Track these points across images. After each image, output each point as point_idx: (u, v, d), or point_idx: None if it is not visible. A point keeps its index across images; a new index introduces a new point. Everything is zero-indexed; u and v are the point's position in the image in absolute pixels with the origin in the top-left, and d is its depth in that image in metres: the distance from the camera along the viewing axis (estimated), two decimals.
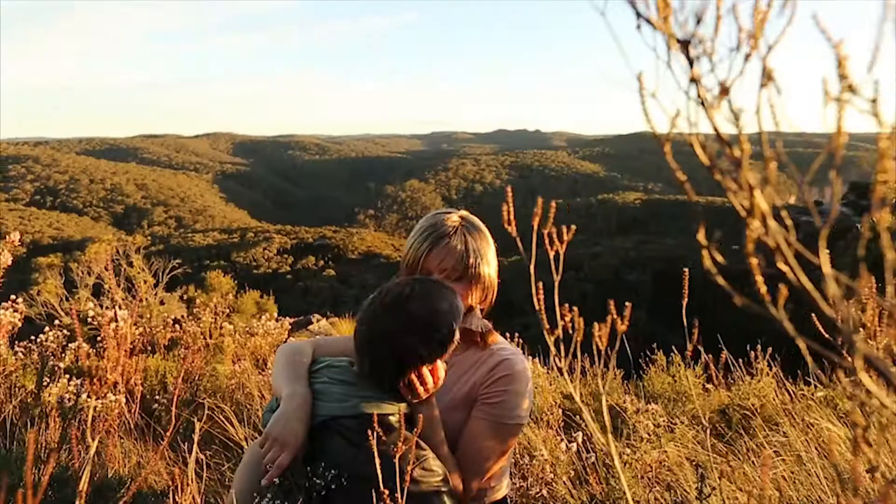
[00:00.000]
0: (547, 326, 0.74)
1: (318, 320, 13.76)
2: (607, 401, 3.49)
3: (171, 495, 1.88)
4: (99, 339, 3.10)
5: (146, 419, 3.00)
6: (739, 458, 2.94)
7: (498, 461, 1.53)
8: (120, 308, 3.80)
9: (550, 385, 3.35)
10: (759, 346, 3.82)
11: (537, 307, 0.77)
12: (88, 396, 2.46)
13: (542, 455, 2.18)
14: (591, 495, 2.31)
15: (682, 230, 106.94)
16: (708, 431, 2.86)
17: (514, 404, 1.55)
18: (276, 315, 10.81)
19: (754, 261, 0.47)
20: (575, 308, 0.77)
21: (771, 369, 3.76)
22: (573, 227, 0.75)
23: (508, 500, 1.63)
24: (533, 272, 0.78)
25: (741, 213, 0.47)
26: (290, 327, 4.30)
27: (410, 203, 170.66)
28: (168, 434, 2.01)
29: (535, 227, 0.73)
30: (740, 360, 3.84)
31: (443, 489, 1.39)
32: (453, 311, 1.46)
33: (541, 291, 0.75)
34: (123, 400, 2.48)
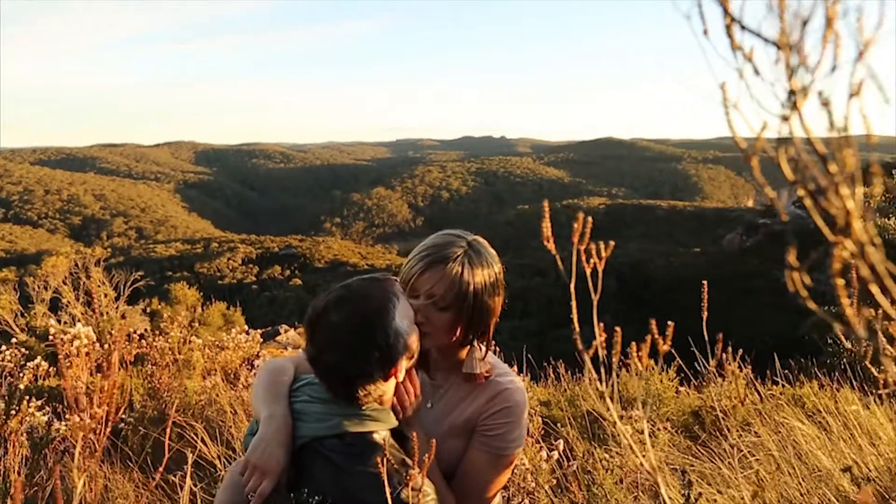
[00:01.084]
0: (581, 346, 0.72)
1: (285, 331, 13.56)
2: (584, 408, 3.49)
3: None
4: (61, 356, 2.97)
5: (111, 439, 2.89)
6: (715, 460, 2.97)
7: (499, 488, 1.52)
8: (79, 322, 3.67)
9: (528, 392, 3.33)
10: (729, 349, 3.88)
11: (574, 325, 0.75)
12: (51, 420, 2.35)
13: (524, 464, 2.16)
14: (573, 502, 2.30)
15: (644, 234, 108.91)
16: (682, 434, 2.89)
17: (514, 435, 1.53)
18: (244, 327, 10.61)
19: (840, 281, 0.45)
20: (617, 329, 0.75)
21: (741, 370, 3.82)
22: (611, 242, 0.73)
23: None
24: (573, 289, 0.75)
25: (828, 233, 0.45)
26: (261, 340, 4.20)
27: (377, 211, 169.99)
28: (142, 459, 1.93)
29: (575, 242, 0.71)
30: (711, 363, 3.89)
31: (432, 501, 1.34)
32: (382, 316, 1.37)
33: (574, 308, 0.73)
34: (91, 422, 2.38)
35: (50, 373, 3.70)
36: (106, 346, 3.03)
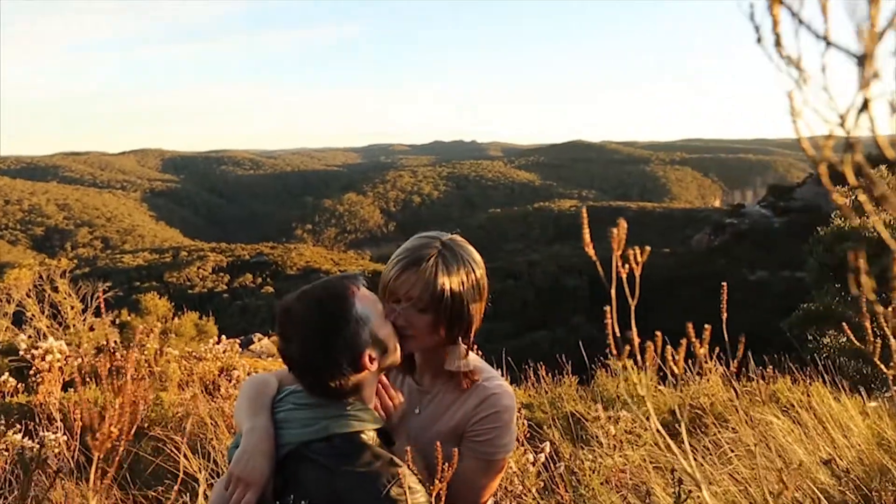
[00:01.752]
0: (615, 353, 0.72)
1: (259, 339, 13.39)
2: (567, 408, 3.51)
3: None
4: (31, 372, 2.89)
5: (86, 454, 2.81)
6: (696, 457, 3.01)
7: (491, 493, 1.53)
8: (45, 336, 3.57)
9: None
10: (705, 346, 3.95)
11: (615, 330, 0.74)
12: (25, 437, 2.28)
13: (510, 468, 2.17)
14: (560, 503, 2.31)
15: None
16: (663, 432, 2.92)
17: (504, 440, 1.53)
18: (217, 337, 10.44)
19: None
20: (658, 334, 0.75)
21: (721, 368, 3.89)
22: (647, 247, 0.73)
23: None
24: (613, 294, 0.75)
25: (890, 241, 0.46)
26: (240, 350, 4.14)
27: (349, 217, 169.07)
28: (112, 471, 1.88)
29: (616, 249, 0.70)
30: (689, 361, 3.95)
31: (422, 499, 1.32)
32: (341, 303, 1.39)
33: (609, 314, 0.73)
34: (63, 438, 2.31)
35: (18, 389, 3.59)
36: (78, 360, 2.95)
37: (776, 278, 65.35)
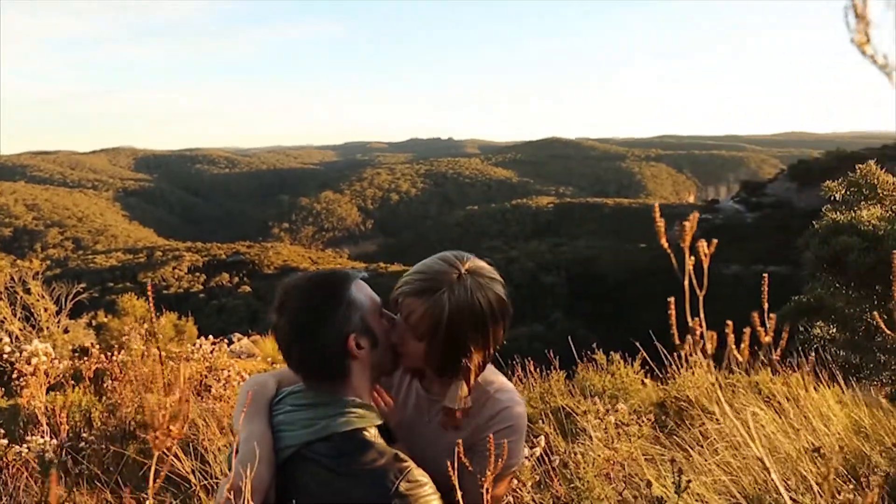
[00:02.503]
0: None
1: (238, 339, 13.28)
2: (556, 403, 3.54)
3: None
4: (14, 376, 2.82)
5: (74, 457, 2.76)
6: (684, 449, 3.06)
7: (501, 500, 1.54)
8: (17, 339, 3.50)
9: None
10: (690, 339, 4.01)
11: (694, 325, 0.75)
12: (11, 442, 2.23)
13: None
14: (556, 497, 2.33)
15: (593, 232, 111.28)
16: (653, 425, 2.97)
17: (517, 454, 1.52)
18: (196, 337, 10.30)
19: None
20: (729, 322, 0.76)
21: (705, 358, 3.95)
22: (714, 241, 0.74)
23: None
24: (686, 285, 0.76)
25: None
26: (227, 350, 4.09)
27: (326, 215, 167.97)
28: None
29: (686, 242, 0.71)
30: (675, 354, 4.01)
31: (432, 498, 1.31)
32: (335, 284, 1.43)
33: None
34: (53, 442, 2.27)
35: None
36: (64, 363, 2.90)
37: (749, 272, 66.51)
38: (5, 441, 2.18)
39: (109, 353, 3.37)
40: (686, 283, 0.74)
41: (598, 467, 2.35)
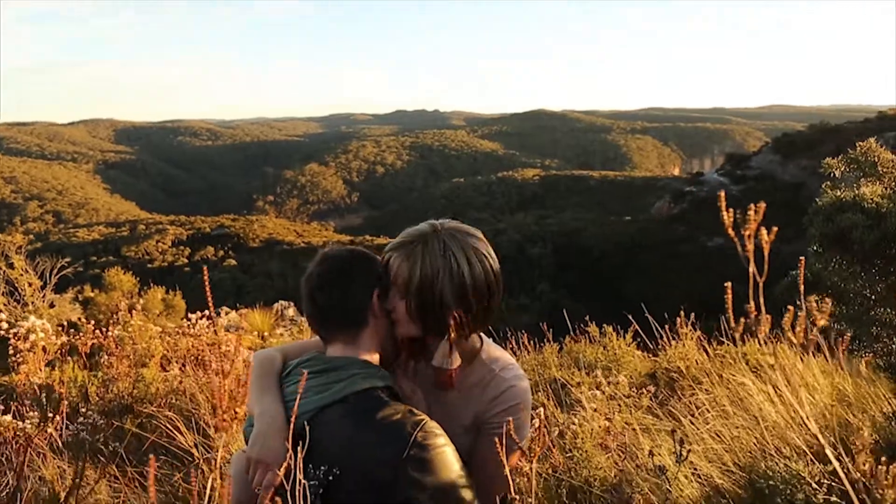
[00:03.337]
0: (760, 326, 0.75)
1: (226, 313, 13.25)
2: (552, 375, 3.60)
3: None
4: (10, 352, 2.82)
5: (75, 434, 2.77)
6: (676, 418, 3.13)
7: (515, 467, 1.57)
8: (31, 315, 3.47)
9: None
10: (682, 312, 4.07)
11: (753, 306, 0.77)
12: (15, 417, 2.23)
13: None
14: (555, 467, 2.38)
15: (578, 204, 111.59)
16: (649, 396, 3.03)
17: (523, 430, 1.56)
18: (185, 312, 10.26)
19: None
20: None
21: (695, 331, 4.02)
22: (774, 228, 0.75)
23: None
24: (752, 273, 0.77)
25: None
26: (228, 326, 4.09)
27: (311, 187, 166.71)
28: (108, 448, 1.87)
29: (752, 230, 0.72)
30: (666, 327, 4.07)
31: (448, 449, 1.34)
32: (368, 254, 1.58)
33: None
34: (55, 419, 2.27)
35: None
36: (63, 339, 2.89)
37: (733, 244, 67.00)
38: (8, 417, 2.19)
39: (105, 329, 3.36)
40: (751, 269, 0.75)
41: (595, 437, 2.40)
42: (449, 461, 1.31)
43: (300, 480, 1.33)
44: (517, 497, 2.25)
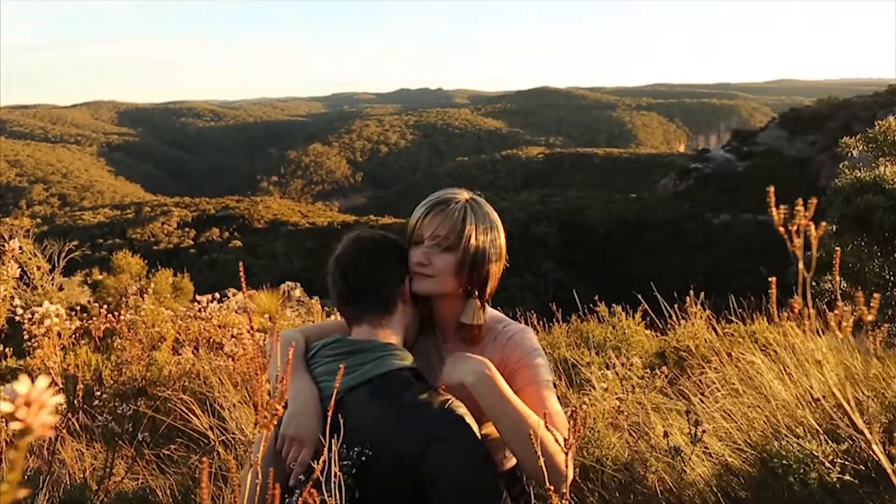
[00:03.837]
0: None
1: (234, 294, 13.31)
2: (561, 355, 3.61)
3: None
4: (26, 337, 2.84)
5: (93, 416, 2.80)
6: (685, 397, 3.15)
7: (557, 409, 1.49)
8: (46, 301, 3.49)
9: None
10: (691, 291, 4.07)
11: (794, 304, 0.76)
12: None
13: None
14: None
15: (583, 182, 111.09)
16: (662, 377, 3.04)
17: (545, 367, 1.56)
18: (193, 294, 10.29)
19: None
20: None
21: (705, 310, 4.02)
22: (823, 224, 0.74)
23: (517, 471, 1.64)
24: (802, 271, 0.77)
25: None
26: (237, 308, 4.11)
27: (315, 168, 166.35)
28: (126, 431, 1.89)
29: (802, 224, 0.71)
30: (675, 306, 4.07)
31: (473, 427, 1.36)
32: (392, 238, 1.62)
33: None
34: (66, 402, 2.30)
35: (6, 353, 3.53)
36: (77, 324, 2.90)
37: (739, 221, 66.92)
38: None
39: (117, 313, 3.39)
40: (800, 265, 0.75)
41: (607, 417, 2.42)
42: (474, 439, 1.34)
43: (334, 462, 1.36)
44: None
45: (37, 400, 0.36)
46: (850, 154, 2.16)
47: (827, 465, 1.76)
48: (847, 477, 1.73)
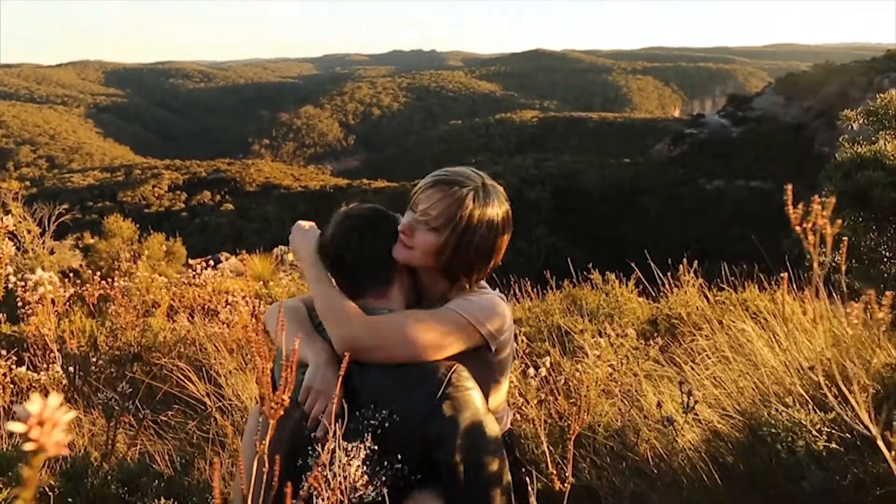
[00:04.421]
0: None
1: (227, 258, 13.29)
2: (555, 322, 3.64)
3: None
4: (20, 304, 2.83)
5: (89, 384, 2.82)
6: (676, 364, 3.19)
7: (428, 339, 1.43)
8: (38, 268, 3.48)
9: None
10: (684, 259, 4.09)
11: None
12: (29, 369, 2.26)
13: (511, 382, 2.27)
14: (560, 414, 2.44)
15: (577, 147, 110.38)
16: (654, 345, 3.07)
17: (472, 306, 1.50)
18: (186, 258, 10.24)
19: None
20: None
21: (698, 278, 4.05)
22: (838, 222, 0.74)
23: (510, 435, 1.67)
24: (813, 251, 0.77)
25: None
26: (231, 275, 4.10)
27: (307, 130, 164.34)
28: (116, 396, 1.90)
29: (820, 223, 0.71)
30: (668, 274, 4.10)
31: (476, 392, 1.44)
32: (385, 211, 1.63)
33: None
34: (61, 370, 2.31)
35: (1, 319, 3.53)
36: (72, 291, 2.89)
37: (732, 187, 66.94)
38: (22, 368, 2.22)
39: (110, 279, 3.38)
40: (815, 261, 0.75)
41: (600, 384, 2.45)
42: (477, 401, 1.43)
43: (359, 416, 1.39)
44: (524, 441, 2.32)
45: (49, 419, 0.36)
46: (849, 127, 2.14)
47: (814, 433, 1.80)
48: (833, 445, 1.77)
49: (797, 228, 0.71)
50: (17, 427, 0.36)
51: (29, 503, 0.37)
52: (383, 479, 1.34)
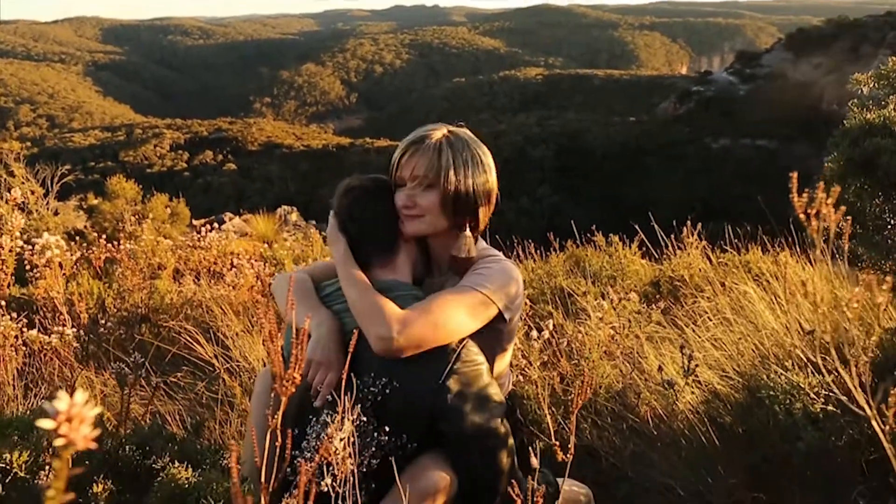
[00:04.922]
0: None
1: (230, 218, 13.28)
2: (558, 284, 3.66)
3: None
4: (27, 267, 2.86)
5: (98, 344, 2.87)
6: (678, 326, 3.22)
7: (456, 322, 1.44)
8: (45, 232, 3.49)
9: None
10: (689, 221, 4.08)
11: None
12: (40, 331, 2.30)
13: (515, 344, 2.30)
14: (562, 375, 2.48)
15: (582, 104, 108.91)
16: (655, 307, 3.10)
17: (487, 279, 1.53)
18: (190, 219, 10.23)
19: None
20: None
21: (701, 240, 4.05)
22: (843, 209, 0.74)
23: (512, 396, 1.71)
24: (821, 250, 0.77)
25: None
26: (235, 237, 4.11)
27: (308, 88, 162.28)
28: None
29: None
30: (672, 236, 4.10)
31: (484, 367, 1.47)
32: (385, 181, 1.64)
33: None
34: (71, 332, 2.35)
35: (10, 281, 3.56)
36: (78, 255, 2.91)
37: (738, 146, 66.21)
38: (34, 331, 2.26)
39: (116, 242, 3.40)
40: (818, 249, 0.75)
41: (601, 346, 2.48)
42: (484, 375, 1.46)
43: (359, 385, 1.42)
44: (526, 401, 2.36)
45: (77, 415, 0.39)
46: (860, 91, 2.11)
47: (812, 395, 1.83)
48: (830, 407, 1.80)
49: (801, 215, 0.72)
50: (46, 424, 0.38)
51: (61, 493, 0.39)
52: (373, 449, 1.35)
